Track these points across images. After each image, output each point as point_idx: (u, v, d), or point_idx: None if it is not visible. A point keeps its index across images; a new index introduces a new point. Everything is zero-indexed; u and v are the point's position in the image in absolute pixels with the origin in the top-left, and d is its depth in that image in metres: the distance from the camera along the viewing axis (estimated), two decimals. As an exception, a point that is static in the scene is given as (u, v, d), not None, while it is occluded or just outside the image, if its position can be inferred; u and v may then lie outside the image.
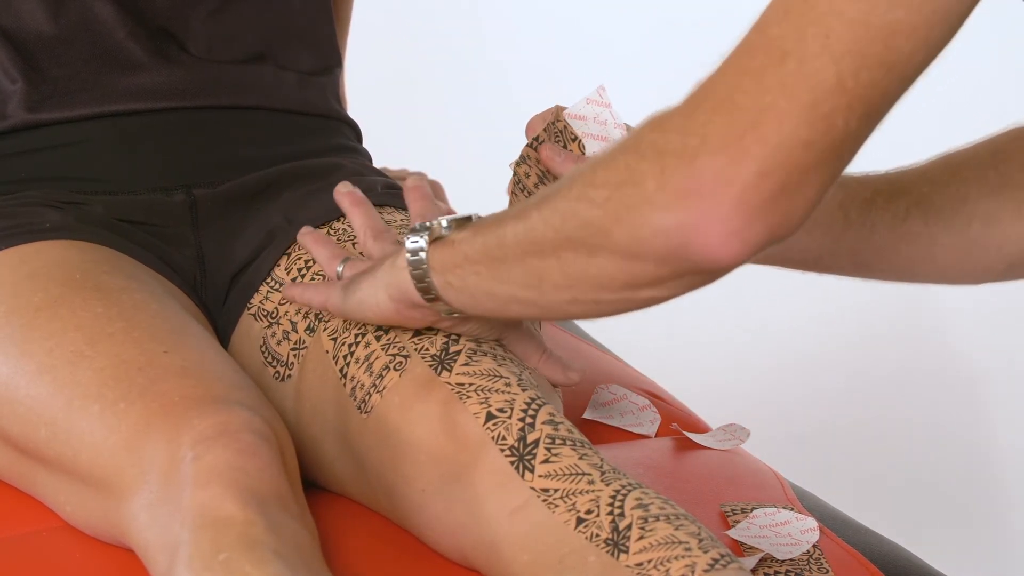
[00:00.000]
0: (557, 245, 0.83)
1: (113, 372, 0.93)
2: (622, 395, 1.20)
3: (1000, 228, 1.02)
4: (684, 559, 0.82)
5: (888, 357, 2.43)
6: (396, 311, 0.94)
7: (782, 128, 0.75)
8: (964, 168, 1.03)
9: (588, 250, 0.82)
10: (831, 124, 0.75)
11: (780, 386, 2.36)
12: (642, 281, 0.82)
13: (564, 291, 0.85)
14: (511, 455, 0.89)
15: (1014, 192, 1.02)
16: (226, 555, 0.81)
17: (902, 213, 1.03)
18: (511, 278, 0.87)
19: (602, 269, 0.82)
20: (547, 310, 0.88)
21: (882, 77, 0.75)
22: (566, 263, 0.84)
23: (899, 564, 1.06)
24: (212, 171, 1.13)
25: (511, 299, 0.88)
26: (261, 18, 1.18)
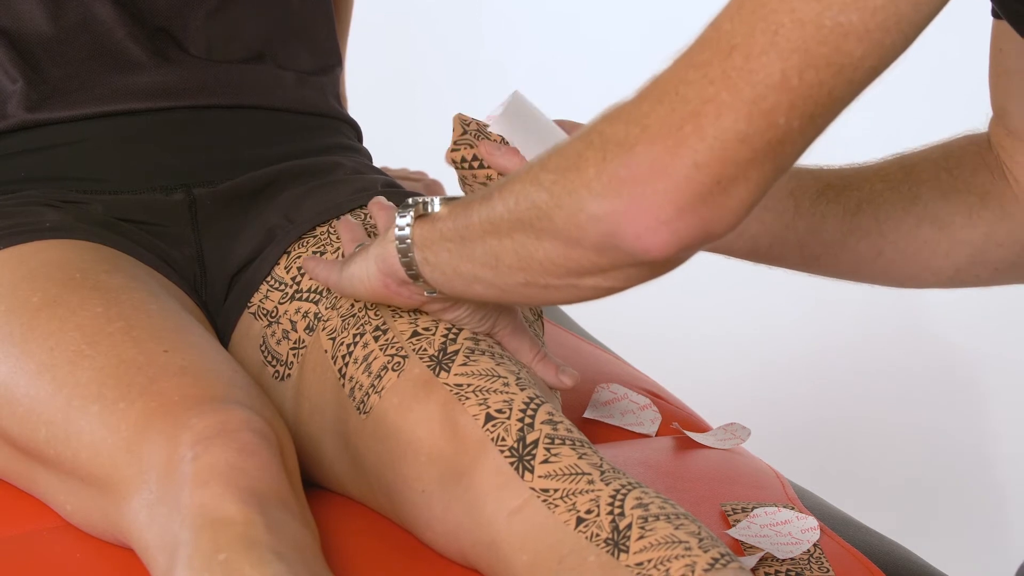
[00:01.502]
0: (511, 226, 0.84)
1: (113, 371, 0.93)
2: (623, 394, 1.20)
3: (950, 232, 1.02)
4: (684, 558, 0.82)
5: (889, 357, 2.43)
6: (384, 285, 0.95)
7: (721, 120, 0.75)
8: (918, 168, 1.03)
9: (535, 233, 0.83)
10: (771, 121, 0.75)
11: (781, 385, 2.36)
12: (583, 269, 0.82)
13: (517, 273, 0.86)
14: (511, 456, 0.89)
15: (966, 197, 1.02)
16: (225, 555, 0.81)
17: (853, 207, 1.03)
18: (474, 257, 0.88)
19: (547, 254, 0.83)
20: (505, 292, 0.88)
21: (829, 78, 0.75)
22: (518, 245, 0.84)
23: (899, 563, 1.06)
24: (212, 170, 1.13)
25: (474, 278, 0.89)
26: (260, 18, 1.18)
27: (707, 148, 0.75)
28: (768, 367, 2.38)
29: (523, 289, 0.87)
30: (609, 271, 0.82)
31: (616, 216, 0.78)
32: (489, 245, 0.87)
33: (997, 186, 1.01)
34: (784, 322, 2.40)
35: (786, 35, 0.74)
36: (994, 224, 1.01)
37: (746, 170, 0.76)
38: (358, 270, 0.96)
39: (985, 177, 1.02)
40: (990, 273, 1.04)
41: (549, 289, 0.86)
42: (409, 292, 0.94)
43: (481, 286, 0.89)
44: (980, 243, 1.02)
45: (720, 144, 0.75)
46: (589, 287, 0.84)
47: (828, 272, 1.07)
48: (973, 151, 1.03)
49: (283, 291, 1.07)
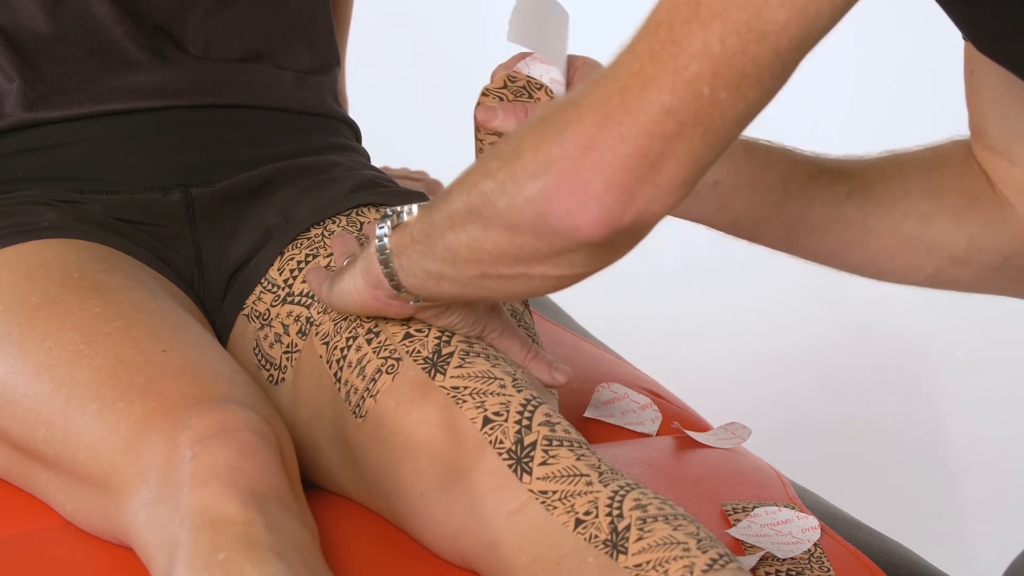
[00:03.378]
0: (464, 218, 0.84)
1: (111, 371, 0.93)
2: (623, 394, 1.20)
3: (934, 230, 1.02)
4: (683, 559, 0.82)
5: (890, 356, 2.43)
6: (373, 298, 0.95)
7: (645, 92, 0.75)
8: (909, 164, 1.04)
9: (484, 223, 0.83)
10: (696, 91, 0.74)
11: (781, 385, 2.36)
12: (529, 256, 0.82)
13: (473, 266, 0.86)
14: (509, 458, 0.89)
15: (954, 199, 1.02)
16: (225, 555, 0.81)
17: (842, 195, 1.02)
18: (436, 254, 0.88)
19: (495, 243, 0.83)
20: (468, 286, 0.88)
21: (752, 45, 0.74)
22: (470, 237, 0.85)
23: (900, 562, 1.06)
24: (209, 170, 1.13)
25: (440, 276, 0.89)
26: (258, 17, 1.18)
27: (632, 120, 0.75)
28: (769, 366, 2.38)
29: (482, 281, 0.87)
30: (552, 257, 0.82)
31: (547, 194, 0.78)
32: (447, 240, 0.87)
33: (985, 192, 1.02)
34: (785, 321, 2.40)
35: (707, 4, 0.74)
36: (979, 228, 1.01)
37: (673, 143, 0.75)
38: (347, 285, 0.96)
39: (974, 181, 1.02)
40: (971, 278, 1.04)
41: (504, 280, 0.86)
42: (399, 303, 0.94)
43: (447, 283, 0.89)
44: (964, 246, 1.02)
45: (645, 116, 0.75)
46: (539, 276, 0.84)
47: (808, 256, 1.07)
48: (963, 155, 1.03)
49: (275, 293, 1.07)
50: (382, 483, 0.95)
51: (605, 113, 0.76)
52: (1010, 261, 1.02)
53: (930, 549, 1.28)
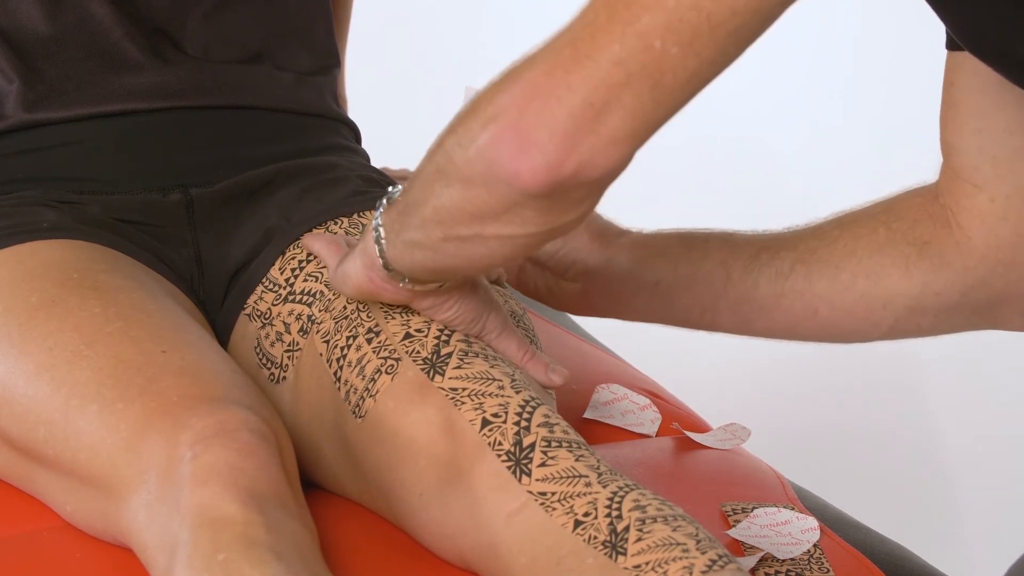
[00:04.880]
0: (432, 178, 0.84)
1: (111, 372, 0.93)
2: (623, 394, 1.20)
3: (887, 284, 1.02)
4: (682, 560, 0.82)
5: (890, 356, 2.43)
6: (368, 279, 0.95)
7: (596, 42, 0.74)
8: (854, 225, 1.04)
9: (445, 179, 0.83)
10: (647, 43, 0.74)
11: (781, 386, 2.36)
12: (482, 212, 0.82)
13: (436, 227, 0.85)
14: (508, 459, 0.89)
15: (903, 248, 1.02)
16: (225, 555, 0.81)
17: (786, 270, 1.03)
18: (411, 222, 0.88)
19: (452, 199, 0.83)
20: (435, 251, 0.88)
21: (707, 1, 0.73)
22: (435, 196, 0.84)
23: (900, 563, 1.06)
24: (209, 170, 1.13)
25: (414, 244, 0.89)
26: (258, 19, 1.18)
27: (580, 68, 0.75)
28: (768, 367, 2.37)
29: (444, 245, 0.86)
30: (502, 214, 0.81)
31: (493, 143, 0.78)
32: (418, 204, 0.86)
33: (938, 235, 1.02)
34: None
35: None
36: (931, 274, 1.02)
37: (620, 94, 0.75)
38: (348, 267, 0.96)
39: (926, 228, 1.02)
40: (930, 322, 1.04)
41: (463, 242, 0.85)
42: (391, 286, 0.94)
43: (419, 251, 0.89)
44: (917, 293, 1.02)
45: (594, 64, 0.75)
46: (493, 237, 0.84)
47: (764, 334, 1.08)
48: (918, 203, 1.04)
49: (277, 292, 1.07)
50: (382, 483, 0.95)
51: (554, 62, 0.76)
52: (966, 297, 1.03)
53: (930, 549, 1.28)
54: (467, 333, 0.97)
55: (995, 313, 1.04)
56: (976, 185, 0.99)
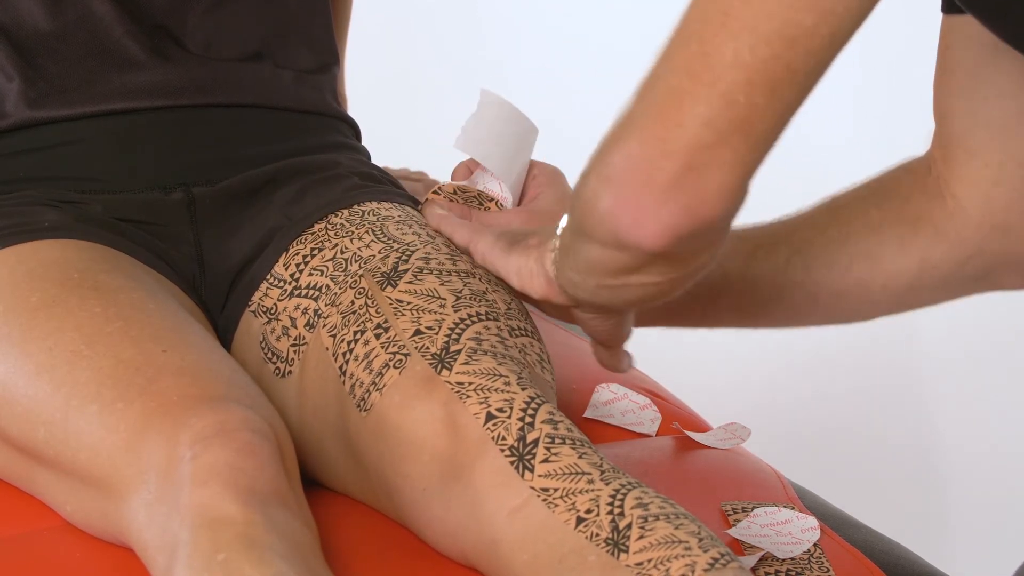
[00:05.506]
0: (575, 233, 0.88)
1: (111, 372, 0.93)
2: (623, 394, 1.20)
3: (884, 265, 1.03)
4: (684, 558, 0.82)
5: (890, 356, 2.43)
6: (548, 283, 0.98)
7: (682, 107, 0.77)
8: (845, 209, 1.05)
9: (584, 239, 0.86)
10: (731, 100, 0.76)
11: (781, 385, 2.36)
12: (621, 267, 0.85)
13: (589, 277, 0.90)
14: (511, 455, 0.89)
15: (897, 227, 1.03)
16: (225, 555, 0.81)
17: (782, 264, 1.04)
18: (568, 264, 0.92)
19: (597, 256, 0.86)
20: (592, 295, 0.92)
21: (783, 51, 0.75)
22: (581, 250, 0.88)
23: (900, 563, 1.06)
24: (210, 169, 1.13)
25: (574, 284, 0.93)
26: (259, 16, 1.18)
27: (672, 137, 0.77)
28: (768, 367, 2.37)
29: (599, 291, 0.90)
30: (641, 268, 0.85)
31: (610, 214, 0.81)
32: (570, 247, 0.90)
33: (931, 209, 1.02)
34: (784, 322, 2.39)
35: (736, 15, 0.75)
36: (928, 249, 1.02)
37: (716, 153, 0.77)
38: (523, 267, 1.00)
39: (918, 203, 1.03)
40: (930, 295, 1.05)
41: (615, 290, 0.89)
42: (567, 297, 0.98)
43: (580, 291, 0.93)
44: (916, 270, 1.03)
45: (684, 131, 0.77)
46: (638, 285, 0.87)
47: (765, 326, 1.09)
48: (908, 179, 1.04)
49: (282, 288, 1.07)
50: (384, 478, 0.95)
51: (647, 131, 0.78)
52: (964, 267, 1.03)
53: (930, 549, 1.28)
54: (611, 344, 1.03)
55: (993, 277, 1.05)
56: (969, 151, 1.00)
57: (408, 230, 1.08)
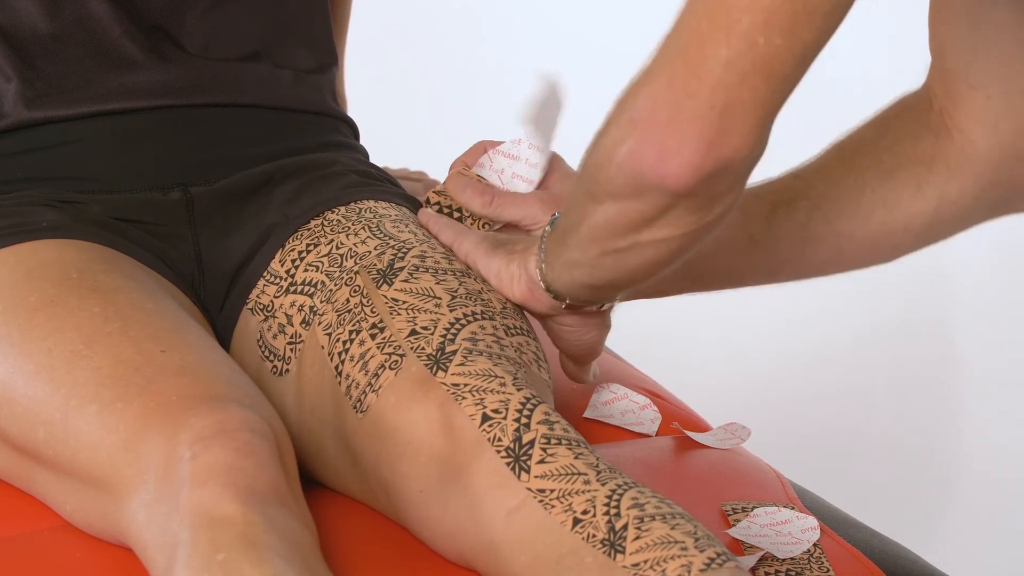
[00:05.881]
0: (580, 201, 0.90)
1: (110, 372, 0.93)
2: (622, 394, 1.20)
3: (902, 208, 1.04)
4: (680, 559, 0.82)
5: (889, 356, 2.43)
6: (529, 290, 1.00)
7: (703, 50, 0.79)
8: (857, 156, 1.05)
9: (594, 199, 0.88)
10: (751, 42, 0.78)
11: (781, 385, 2.36)
12: (636, 221, 0.87)
13: (593, 245, 0.91)
14: (507, 456, 0.89)
15: (911, 169, 1.04)
16: (224, 555, 0.81)
17: (804, 219, 1.05)
18: (568, 242, 0.94)
19: (605, 215, 0.88)
20: (593, 269, 0.94)
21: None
22: (587, 215, 0.90)
23: (900, 563, 1.06)
24: (208, 169, 1.13)
25: (573, 264, 0.95)
26: (257, 16, 1.18)
27: (695, 77, 0.79)
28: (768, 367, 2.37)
29: (602, 260, 0.92)
30: (657, 218, 0.86)
31: (633, 156, 0.83)
32: (572, 226, 0.92)
33: (942, 147, 1.03)
34: (785, 321, 2.40)
35: None
36: (943, 186, 1.03)
37: (738, 93, 0.79)
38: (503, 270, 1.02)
39: (928, 142, 1.04)
40: (949, 229, 1.07)
41: (621, 254, 0.90)
42: (549, 302, 1.01)
43: (578, 270, 0.95)
44: (934, 208, 1.04)
45: (706, 71, 0.79)
46: (649, 243, 0.89)
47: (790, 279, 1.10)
48: (911, 118, 1.04)
49: (278, 284, 1.07)
50: (382, 479, 0.95)
51: (670, 74, 0.81)
52: (981, 199, 1.04)
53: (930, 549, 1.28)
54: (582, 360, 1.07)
55: (1010, 203, 1.06)
56: (971, 85, 1.00)
57: (405, 228, 1.08)
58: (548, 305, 1.02)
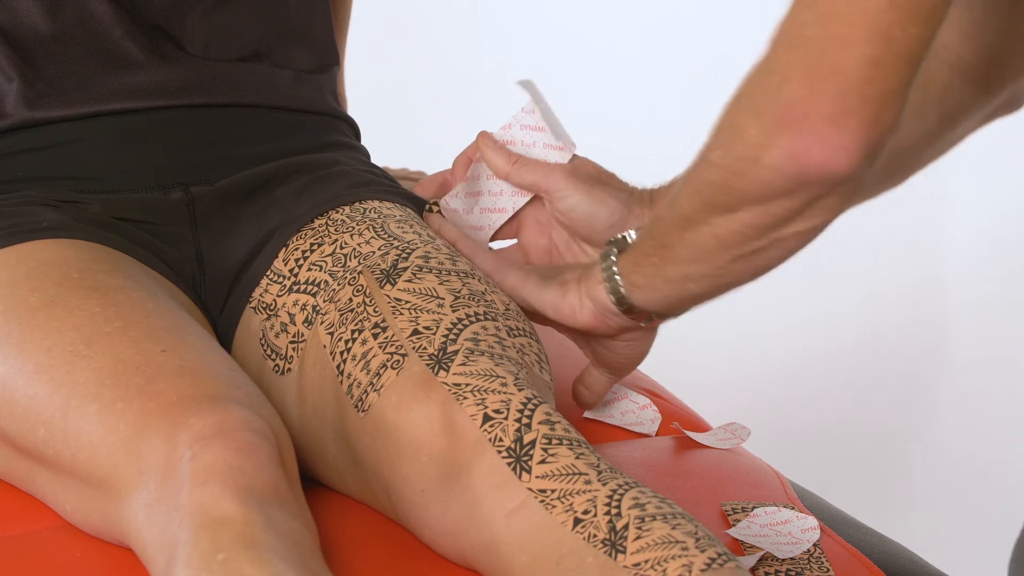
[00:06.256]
0: (701, 214, 0.92)
1: (111, 372, 0.93)
2: (623, 394, 1.20)
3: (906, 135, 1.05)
4: (681, 559, 0.82)
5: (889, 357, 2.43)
6: (594, 316, 1.03)
7: (847, 52, 0.82)
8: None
9: (727, 208, 0.90)
10: (890, 37, 0.82)
11: (781, 385, 2.36)
12: (781, 219, 0.89)
13: (722, 253, 0.93)
14: (508, 456, 0.89)
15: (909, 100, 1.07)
16: (224, 555, 0.81)
17: None
18: (678, 258, 0.95)
19: (744, 221, 0.90)
20: (717, 278, 0.96)
21: None
22: (714, 227, 0.92)
23: (900, 563, 1.06)
24: (209, 169, 1.13)
25: (684, 278, 0.96)
26: (258, 16, 1.18)
27: (843, 78, 0.83)
28: (768, 367, 2.37)
29: (732, 266, 0.94)
30: (805, 211, 0.89)
31: (793, 157, 0.85)
32: (688, 240, 0.94)
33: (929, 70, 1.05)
34: (784, 322, 2.40)
35: None
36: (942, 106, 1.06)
37: (885, 82, 0.83)
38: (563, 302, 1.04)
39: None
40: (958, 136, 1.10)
41: (757, 254, 0.93)
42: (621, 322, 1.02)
43: (694, 283, 0.96)
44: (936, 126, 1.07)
45: (853, 70, 0.83)
46: (791, 236, 0.91)
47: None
48: None
49: (281, 283, 1.07)
50: (383, 478, 0.95)
51: (816, 77, 0.83)
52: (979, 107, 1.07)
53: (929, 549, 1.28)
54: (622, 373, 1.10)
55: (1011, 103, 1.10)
56: None
57: (409, 229, 1.08)
58: (618, 326, 1.04)
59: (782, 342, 2.40)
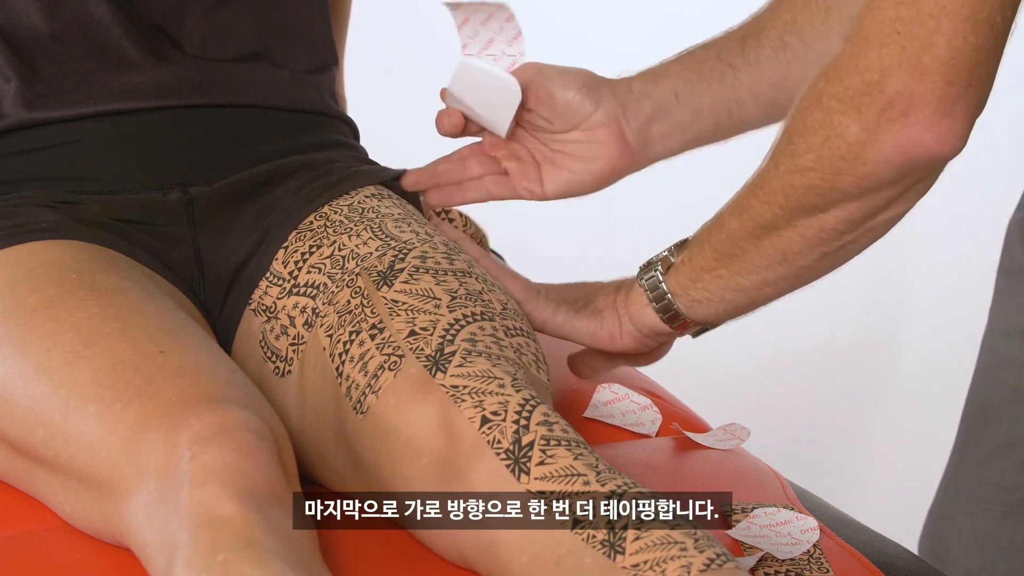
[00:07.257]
0: (788, 218, 0.93)
1: (110, 372, 0.93)
2: (623, 394, 1.20)
3: None
4: (680, 559, 0.82)
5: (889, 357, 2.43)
6: (636, 339, 1.06)
7: (953, 43, 0.85)
8: None
9: (819, 209, 0.92)
10: (993, 23, 0.86)
11: (781, 386, 2.36)
12: (878, 208, 0.92)
13: (809, 252, 0.95)
14: (506, 458, 0.89)
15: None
16: (224, 555, 0.81)
17: (778, 43, 1.10)
18: (754, 266, 0.97)
19: (838, 218, 0.92)
20: (799, 277, 0.98)
21: None
22: (802, 228, 0.93)
23: (900, 563, 1.06)
24: (208, 169, 1.13)
25: (762, 283, 0.98)
26: (256, 17, 1.18)
27: (950, 68, 0.86)
28: (768, 368, 2.37)
29: (819, 263, 0.96)
30: (902, 195, 0.91)
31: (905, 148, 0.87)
32: (767, 245, 0.95)
33: None
34: (784, 322, 2.39)
35: None
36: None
37: (984, 67, 0.87)
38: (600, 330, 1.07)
39: None
40: None
41: (846, 248, 0.95)
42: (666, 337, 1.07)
43: (772, 288, 0.98)
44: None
45: (959, 60, 0.86)
46: (881, 223, 0.94)
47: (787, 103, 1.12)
48: None
49: (281, 286, 1.07)
50: (382, 480, 0.95)
51: (921, 69, 0.86)
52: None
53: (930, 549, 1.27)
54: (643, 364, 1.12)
55: None
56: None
57: (407, 228, 1.08)
58: (660, 341, 1.06)
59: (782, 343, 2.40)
